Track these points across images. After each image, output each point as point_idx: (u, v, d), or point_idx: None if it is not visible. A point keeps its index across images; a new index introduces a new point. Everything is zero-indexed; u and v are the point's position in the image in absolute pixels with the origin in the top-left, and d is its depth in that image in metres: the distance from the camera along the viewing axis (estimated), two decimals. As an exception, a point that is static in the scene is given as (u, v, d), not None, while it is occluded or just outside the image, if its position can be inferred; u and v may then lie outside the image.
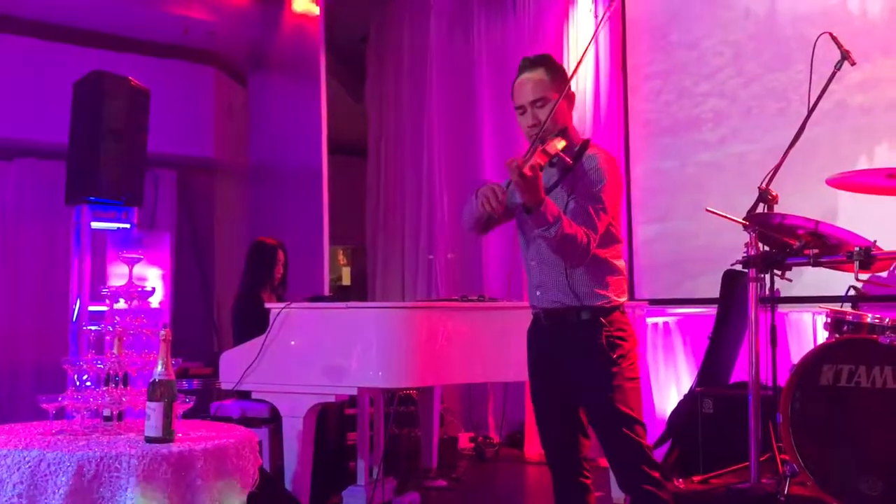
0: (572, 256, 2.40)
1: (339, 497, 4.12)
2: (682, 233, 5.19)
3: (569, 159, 2.45)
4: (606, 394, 2.41)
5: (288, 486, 3.52)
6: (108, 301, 2.80)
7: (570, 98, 2.58)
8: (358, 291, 8.14)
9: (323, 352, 3.52)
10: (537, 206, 2.29)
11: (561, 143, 2.41)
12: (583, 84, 5.85)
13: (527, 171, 2.23)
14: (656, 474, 2.40)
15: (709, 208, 3.47)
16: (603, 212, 2.43)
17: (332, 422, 4.39)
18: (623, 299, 2.52)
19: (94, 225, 4.54)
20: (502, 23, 6.51)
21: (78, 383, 2.69)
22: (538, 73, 2.52)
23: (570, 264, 2.43)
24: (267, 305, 3.79)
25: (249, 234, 6.32)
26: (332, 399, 3.59)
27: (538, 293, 2.55)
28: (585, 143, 2.53)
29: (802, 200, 4.14)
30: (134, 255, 2.85)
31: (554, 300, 2.50)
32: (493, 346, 3.71)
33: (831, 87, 3.29)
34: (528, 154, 2.35)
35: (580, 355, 2.47)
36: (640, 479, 2.39)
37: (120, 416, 2.67)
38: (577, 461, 2.55)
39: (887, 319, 3.20)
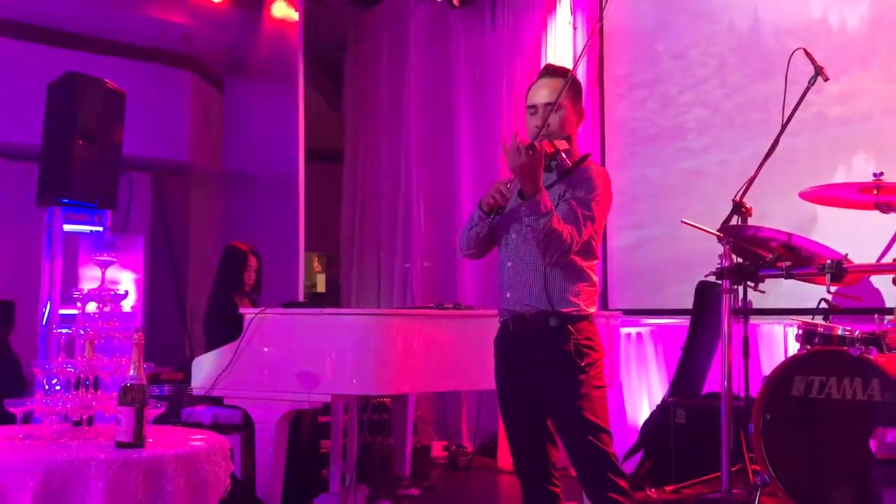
0: (553, 253, 2.41)
1: (311, 504, 4.09)
2: (657, 242, 5.23)
3: (569, 162, 2.51)
4: (573, 402, 2.43)
5: (259, 493, 3.49)
6: (79, 304, 2.76)
7: (580, 113, 2.67)
8: (332, 299, 8.10)
9: (297, 358, 3.49)
10: (534, 193, 2.36)
11: (564, 145, 2.49)
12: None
13: (536, 144, 2.32)
14: (622, 483, 2.41)
15: (684, 220, 3.50)
16: (590, 221, 2.47)
17: (305, 429, 4.35)
18: (592, 310, 2.55)
19: (67, 227, 4.48)
20: (481, 34, 6.53)
21: (47, 387, 2.65)
22: (557, 81, 2.58)
23: (548, 261, 2.45)
24: (241, 311, 3.76)
25: (224, 239, 6.28)
26: (305, 406, 3.57)
27: (508, 295, 2.57)
28: (586, 156, 2.62)
29: (780, 211, 4.20)
30: (106, 259, 2.82)
31: (524, 303, 2.52)
32: (468, 355, 3.70)
33: (809, 98, 3.33)
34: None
35: (548, 362, 2.48)
36: (606, 488, 2.41)
37: (90, 421, 2.62)
38: (546, 470, 2.56)
39: (857, 332, 3.25)
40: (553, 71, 2.66)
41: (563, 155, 2.48)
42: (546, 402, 2.52)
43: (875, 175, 3.32)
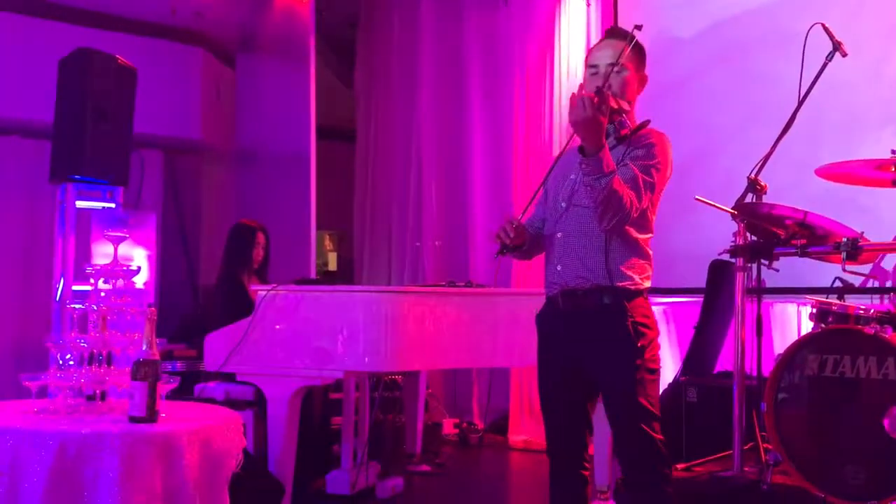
0: (612, 217, 2.28)
1: (323, 481, 4.12)
2: (670, 219, 5.19)
3: (629, 126, 2.39)
4: (628, 386, 2.34)
5: (271, 468, 3.51)
6: (92, 280, 2.77)
7: (643, 80, 2.53)
8: (344, 277, 8.10)
9: (309, 335, 3.50)
10: (596, 151, 2.20)
11: (627, 106, 2.36)
12: (573, 77, 5.83)
13: (605, 91, 2.17)
14: (667, 471, 2.37)
15: (698, 197, 3.47)
16: (650, 189, 2.35)
17: (316, 405, 4.38)
18: (647, 285, 2.43)
19: (79, 204, 4.48)
20: (493, 10, 6.47)
21: (61, 362, 2.66)
22: (621, 43, 2.43)
23: (605, 226, 2.31)
24: (253, 287, 3.77)
25: (236, 216, 6.27)
26: (317, 382, 3.57)
27: (559, 268, 2.44)
28: (646, 122, 2.48)
29: (793, 189, 4.16)
30: (119, 234, 2.82)
31: (578, 276, 2.39)
32: (479, 333, 3.71)
33: (828, 75, 3.28)
34: None
35: (601, 342, 2.38)
36: (654, 478, 2.36)
37: (103, 396, 2.64)
38: (580, 453, 2.49)
39: (872, 310, 3.22)
40: (617, 33, 2.51)
41: (626, 118, 2.35)
42: (596, 382, 2.43)
43: (893, 151, 3.28)
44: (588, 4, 5.83)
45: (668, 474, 2.37)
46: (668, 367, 5.11)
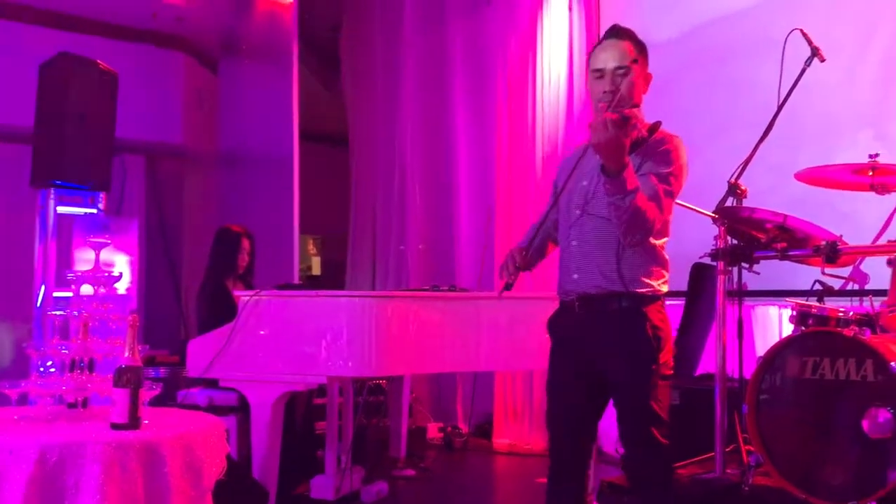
0: (636, 233, 2.27)
1: (307, 486, 4.11)
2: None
3: (644, 132, 2.37)
4: (642, 391, 2.33)
5: (256, 474, 3.50)
6: (73, 286, 2.75)
7: (648, 79, 2.51)
8: (327, 281, 8.10)
9: (292, 340, 3.49)
10: (619, 171, 2.17)
11: (638, 114, 2.34)
12: (556, 79, 5.86)
13: (620, 115, 2.13)
14: (672, 477, 2.40)
15: (679, 201, 3.48)
16: (670, 197, 2.34)
17: (300, 410, 4.37)
18: (665, 290, 2.43)
19: (60, 209, 4.45)
20: (476, 13, 6.49)
21: (42, 369, 2.65)
22: (625, 43, 2.43)
23: (628, 241, 2.30)
24: (236, 293, 3.76)
25: (219, 221, 6.26)
26: (301, 388, 3.58)
27: (575, 276, 2.42)
28: (658, 124, 2.45)
29: (772, 194, 4.19)
30: (101, 240, 2.80)
31: (595, 285, 2.38)
32: (464, 337, 3.71)
33: (806, 80, 3.32)
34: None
35: (619, 346, 2.36)
36: (659, 483, 2.38)
37: (85, 403, 2.62)
38: (584, 461, 2.49)
39: (851, 312, 3.25)
40: (621, 32, 2.46)
41: (638, 125, 2.32)
42: (610, 385, 2.41)
43: (870, 156, 3.31)
44: (570, 8, 5.86)
45: (672, 481, 2.39)
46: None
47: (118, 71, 4.64)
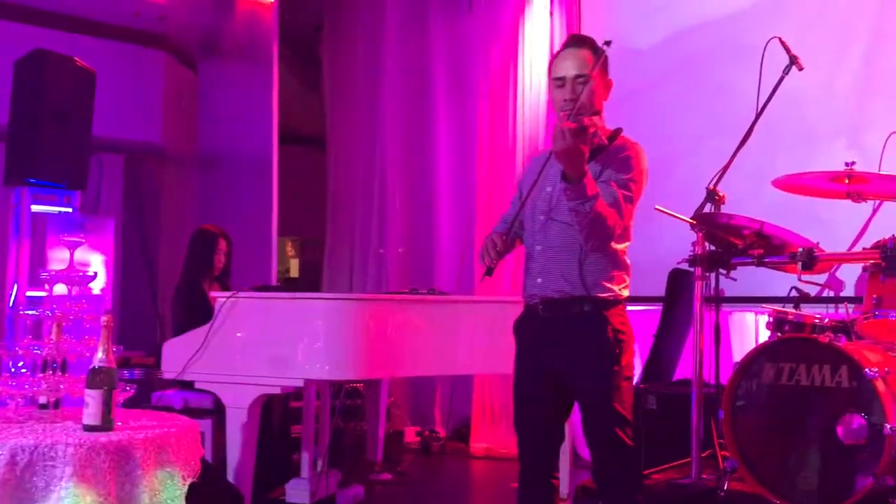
0: (597, 238, 2.34)
1: (283, 489, 4.08)
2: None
3: (604, 139, 2.42)
4: (605, 392, 2.37)
5: (230, 477, 3.47)
6: (47, 285, 2.72)
7: (608, 86, 2.56)
8: (306, 284, 8.06)
9: (269, 342, 3.47)
10: (579, 177, 2.23)
11: (599, 122, 2.40)
12: (536, 85, 5.87)
13: (586, 122, 2.20)
14: (638, 478, 2.44)
15: (658, 207, 3.50)
16: (630, 203, 2.39)
17: (276, 414, 4.34)
18: (626, 294, 2.48)
19: (35, 208, 4.41)
20: (458, 18, 6.50)
21: (13, 369, 2.61)
22: (584, 51, 2.48)
23: (590, 247, 2.37)
24: (212, 294, 3.73)
25: (197, 222, 6.22)
26: (277, 391, 3.54)
27: (539, 280, 2.47)
28: (619, 130, 2.51)
29: (750, 200, 4.22)
30: (75, 239, 2.76)
31: (557, 289, 2.43)
32: (442, 340, 3.70)
33: (784, 88, 3.34)
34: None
35: (581, 349, 2.41)
36: (624, 482, 2.40)
37: (57, 404, 2.59)
38: (551, 463, 2.52)
39: (827, 319, 3.28)
40: (580, 41, 2.53)
41: (598, 132, 2.38)
42: (574, 389, 2.45)
43: (847, 164, 3.34)
44: (551, 13, 5.88)
45: (639, 481, 2.41)
46: (629, 375, 5.15)
47: (97, 69, 4.61)
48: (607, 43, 2.39)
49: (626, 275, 2.49)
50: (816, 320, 3.27)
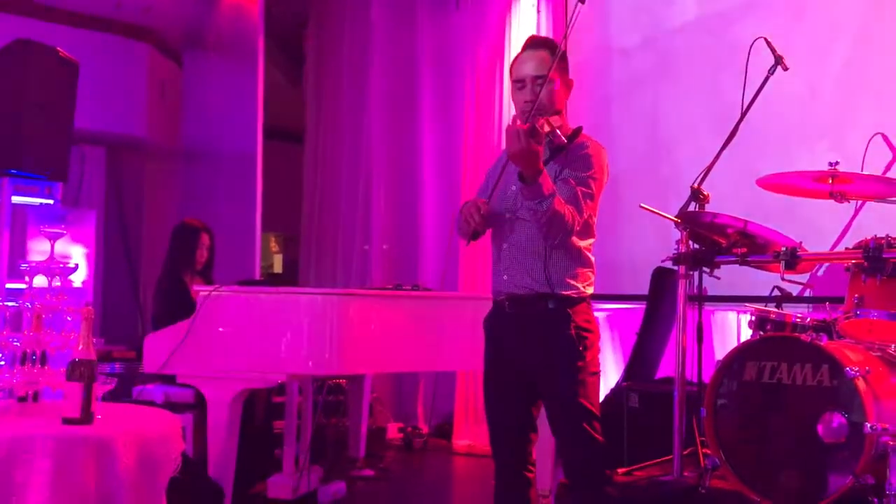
0: (556, 235, 2.37)
1: (264, 485, 4.06)
2: (614, 229, 5.26)
3: (563, 138, 2.44)
4: (570, 388, 2.40)
5: (211, 472, 3.45)
6: (27, 277, 2.69)
7: (569, 85, 2.60)
8: (289, 279, 8.03)
9: (251, 337, 3.45)
10: (534, 177, 2.27)
11: (558, 122, 2.42)
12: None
13: (537, 126, 2.24)
14: (608, 472, 2.42)
15: (643, 205, 3.51)
16: (590, 199, 2.42)
17: (259, 409, 4.32)
18: (590, 292, 2.51)
19: (15, 199, 4.37)
20: (445, 15, 6.48)
21: (-8, 362, 2.58)
22: (543, 52, 2.51)
23: (550, 244, 2.40)
24: (195, 288, 3.70)
25: (180, 215, 6.17)
26: (259, 385, 3.53)
27: (505, 277, 2.51)
28: (579, 129, 2.53)
29: (734, 200, 4.24)
30: (56, 231, 2.74)
31: (522, 286, 2.46)
32: (425, 336, 3.70)
33: (766, 88, 3.36)
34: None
35: (545, 346, 2.44)
36: (593, 476, 2.41)
37: (36, 397, 2.56)
38: (525, 455, 2.54)
39: (808, 318, 3.30)
40: (538, 42, 2.58)
41: (558, 132, 2.41)
42: (540, 385, 2.48)
43: (830, 164, 3.36)
44: (538, 11, 5.88)
45: (609, 476, 2.42)
46: (611, 373, 5.17)
47: (80, 60, 4.55)
48: (581, 1, 2.42)
49: (590, 272, 2.52)
50: (798, 319, 3.29)
